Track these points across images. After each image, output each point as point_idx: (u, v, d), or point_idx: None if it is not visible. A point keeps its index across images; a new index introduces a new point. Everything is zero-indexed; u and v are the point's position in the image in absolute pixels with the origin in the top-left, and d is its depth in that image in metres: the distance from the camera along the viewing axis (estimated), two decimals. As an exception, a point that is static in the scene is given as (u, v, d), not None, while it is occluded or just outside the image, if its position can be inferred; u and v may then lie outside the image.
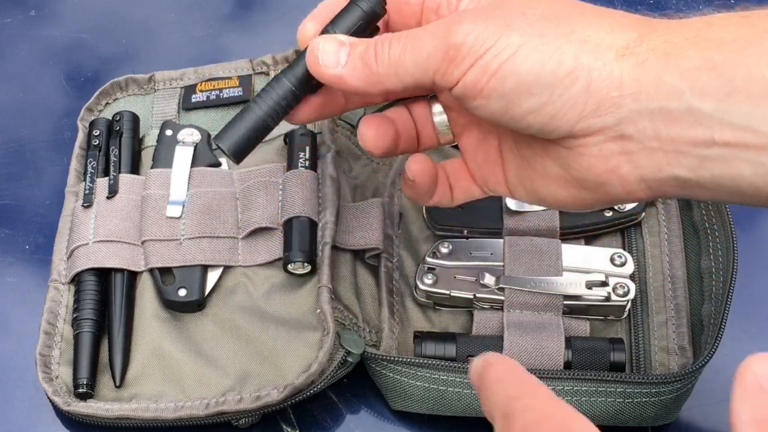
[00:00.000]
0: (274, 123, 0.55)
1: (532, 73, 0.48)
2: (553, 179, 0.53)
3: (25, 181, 0.76)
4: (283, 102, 0.55)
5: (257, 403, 0.62)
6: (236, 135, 0.54)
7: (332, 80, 0.53)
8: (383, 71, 0.52)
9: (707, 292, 0.66)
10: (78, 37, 0.84)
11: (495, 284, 0.66)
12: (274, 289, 0.67)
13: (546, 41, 0.48)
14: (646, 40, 0.47)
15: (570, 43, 0.48)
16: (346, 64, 0.53)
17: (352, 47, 0.53)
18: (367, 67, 0.52)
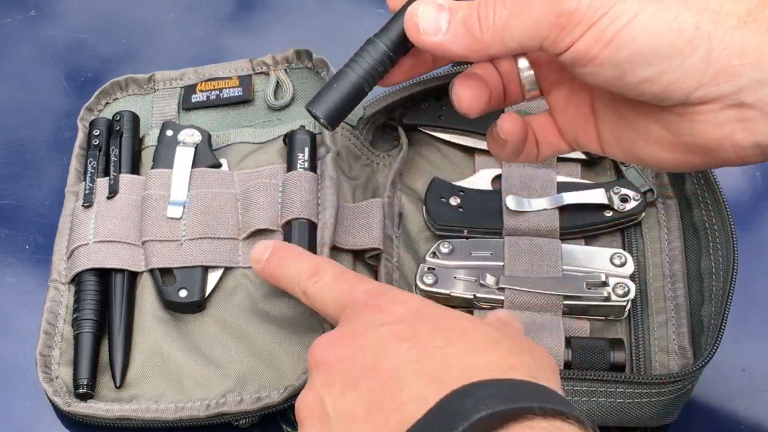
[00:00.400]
0: (369, 87, 0.54)
1: (651, 42, 0.46)
2: (656, 142, 0.51)
3: (25, 181, 0.76)
4: (379, 67, 0.53)
5: (258, 404, 0.62)
6: (331, 101, 0.53)
7: (433, 47, 0.51)
8: (488, 38, 0.49)
9: (707, 292, 0.66)
10: (78, 37, 0.84)
11: (495, 284, 0.66)
12: (275, 291, 0.67)
13: (664, 7, 0.46)
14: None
15: (689, 10, 0.46)
16: (448, 30, 0.50)
17: (452, 12, 0.51)
18: (471, 33, 0.50)
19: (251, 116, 0.76)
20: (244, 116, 0.75)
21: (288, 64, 0.77)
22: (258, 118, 0.75)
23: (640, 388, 0.60)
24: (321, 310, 0.56)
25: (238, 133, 0.74)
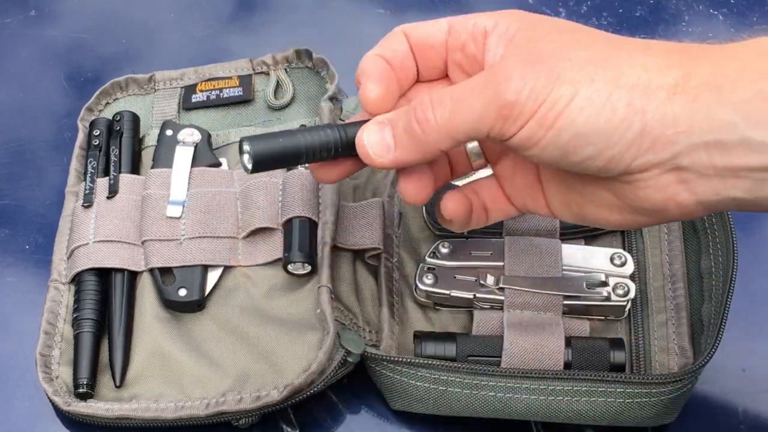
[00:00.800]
0: (305, 161, 0.54)
1: (588, 123, 0.48)
2: (605, 206, 0.53)
3: (25, 181, 0.76)
4: (324, 152, 0.54)
5: (257, 403, 0.62)
6: (267, 147, 0.53)
7: (390, 165, 0.53)
8: (434, 138, 0.51)
9: (707, 292, 0.66)
10: (78, 37, 0.84)
11: (495, 284, 0.66)
12: (274, 290, 0.67)
13: (597, 88, 0.48)
14: (694, 74, 0.47)
15: (621, 89, 0.48)
16: (396, 146, 0.52)
17: (393, 126, 0.53)
18: (416, 140, 0.52)
19: (251, 116, 0.76)
20: (244, 116, 0.76)
21: (288, 64, 0.77)
22: (258, 117, 0.75)
23: (640, 388, 0.60)
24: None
25: (238, 132, 0.74)
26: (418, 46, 0.56)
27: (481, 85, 0.50)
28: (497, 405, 0.62)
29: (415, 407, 0.64)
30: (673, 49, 0.49)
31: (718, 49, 0.48)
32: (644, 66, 0.48)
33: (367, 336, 0.66)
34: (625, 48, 0.49)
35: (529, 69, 0.49)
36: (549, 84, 0.48)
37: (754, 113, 0.46)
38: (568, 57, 0.49)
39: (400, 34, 0.57)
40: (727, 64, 0.47)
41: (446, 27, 0.56)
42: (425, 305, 0.68)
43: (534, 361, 0.63)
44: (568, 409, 0.62)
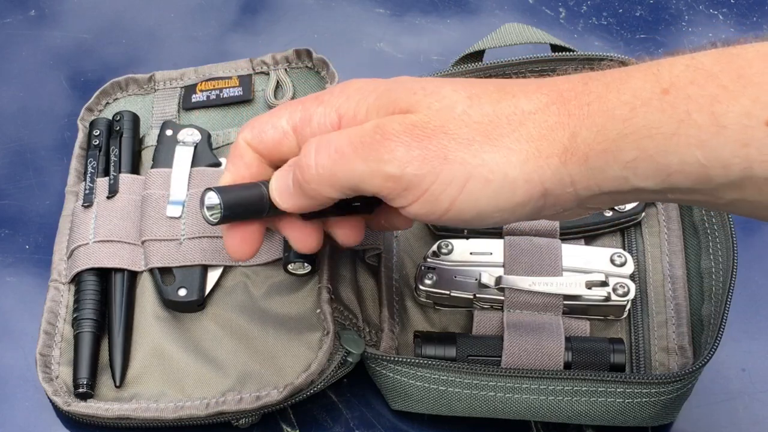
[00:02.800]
0: (267, 214, 0.55)
1: (490, 204, 0.49)
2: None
3: (25, 181, 0.76)
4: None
5: (257, 403, 0.62)
6: (235, 195, 0.54)
7: (291, 210, 0.54)
8: (315, 187, 0.51)
9: (707, 292, 0.66)
10: (78, 37, 0.84)
11: (495, 284, 0.66)
12: (274, 289, 0.67)
13: (490, 168, 0.48)
14: (578, 135, 0.48)
15: (514, 167, 0.48)
16: (293, 193, 0.53)
17: (289, 173, 0.53)
18: (301, 187, 0.52)
19: (251, 116, 0.75)
20: (244, 116, 0.76)
21: (288, 64, 0.77)
22: (258, 117, 0.75)
23: (640, 388, 0.60)
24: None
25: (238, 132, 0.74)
26: (269, 158, 0.56)
27: (366, 147, 0.49)
28: (497, 405, 0.62)
29: (415, 407, 0.64)
30: (549, 110, 0.49)
31: (596, 102, 0.48)
32: (528, 136, 0.48)
33: (367, 336, 0.66)
34: (505, 119, 0.49)
35: (415, 143, 0.48)
36: (437, 165, 0.48)
37: (641, 170, 0.47)
38: (451, 134, 0.49)
39: (245, 149, 0.56)
40: (608, 124, 0.47)
41: (291, 133, 0.55)
42: (425, 305, 0.68)
43: (534, 361, 0.63)
44: (568, 409, 0.62)
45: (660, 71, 0.47)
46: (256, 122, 0.56)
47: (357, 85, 0.53)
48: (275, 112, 0.56)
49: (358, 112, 0.52)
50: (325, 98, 0.54)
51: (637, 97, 0.47)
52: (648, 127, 0.46)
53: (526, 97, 0.49)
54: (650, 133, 0.46)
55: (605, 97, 0.48)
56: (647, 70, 0.48)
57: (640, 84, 0.47)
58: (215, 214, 0.54)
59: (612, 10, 0.86)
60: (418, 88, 0.50)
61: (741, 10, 0.85)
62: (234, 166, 0.56)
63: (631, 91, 0.47)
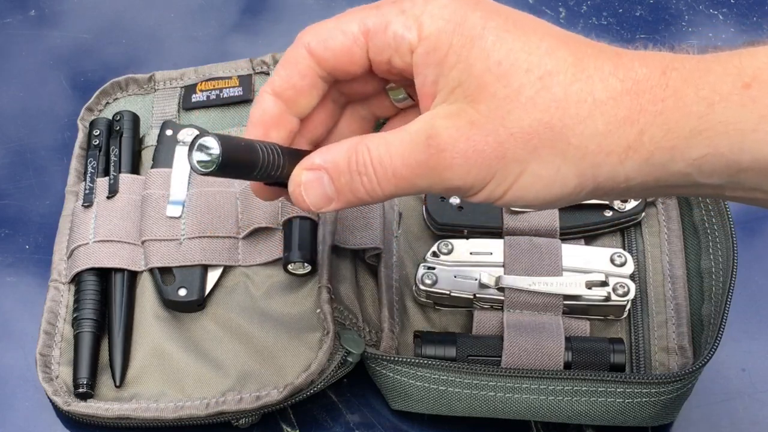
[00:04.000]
0: (257, 176, 0.50)
1: (538, 197, 0.48)
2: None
3: (25, 180, 0.76)
4: (274, 169, 0.51)
5: (257, 403, 0.62)
6: (233, 145, 0.49)
7: (327, 212, 0.53)
8: (378, 200, 0.50)
9: (707, 292, 0.66)
10: (78, 37, 0.84)
11: (495, 284, 0.66)
12: (274, 289, 0.67)
13: (545, 164, 0.47)
14: (647, 132, 0.46)
15: (569, 162, 0.47)
16: (338, 199, 0.51)
17: (334, 178, 0.50)
18: (361, 200, 0.50)
19: (251, 116, 0.76)
20: (244, 116, 0.75)
21: (288, 64, 0.77)
22: (258, 117, 0.75)
23: (640, 388, 0.60)
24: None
25: (238, 132, 0.74)
26: (331, 68, 0.52)
27: (423, 167, 0.48)
28: (497, 405, 0.62)
29: (415, 407, 0.64)
30: (621, 101, 0.46)
31: (671, 99, 0.46)
32: (594, 130, 0.46)
33: (367, 336, 0.66)
34: (573, 112, 0.46)
35: (472, 151, 0.47)
36: (494, 164, 0.47)
37: (708, 167, 0.46)
38: (510, 132, 0.47)
39: (304, 56, 0.52)
40: (680, 120, 0.45)
41: (362, 39, 0.50)
42: (425, 305, 0.68)
43: (534, 361, 0.63)
44: (568, 409, 0.62)
45: (742, 63, 0.45)
46: (321, 27, 0.51)
47: (442, 2, 0.48)
48: (343, 17, 0.51)
49: (428, 74, 0.48)
50: (406, 6, 0.49)
51: (716, 92, 0.45)
52: (725, 123, 0.44)
53: (601, 81, 0.46)
54: (726, 129, 0.44)
55: (682, 92, 0.45)
56: (728, 61, 0.45)
57: (720, 78, 0.45)
58: (207, 165, 0.48)
59: (612, 10, 0.86)
60: (493, 64, 0.47)
61: (741, 10, 0.85)
62: (287, 72, 0.52)
63: (710, 85, 0.45)
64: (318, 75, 0.52)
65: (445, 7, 0.48)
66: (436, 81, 0.48)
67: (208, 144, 0.48)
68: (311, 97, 0.53)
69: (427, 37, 0.48)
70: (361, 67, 0.51)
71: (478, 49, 0.47)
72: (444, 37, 0.48)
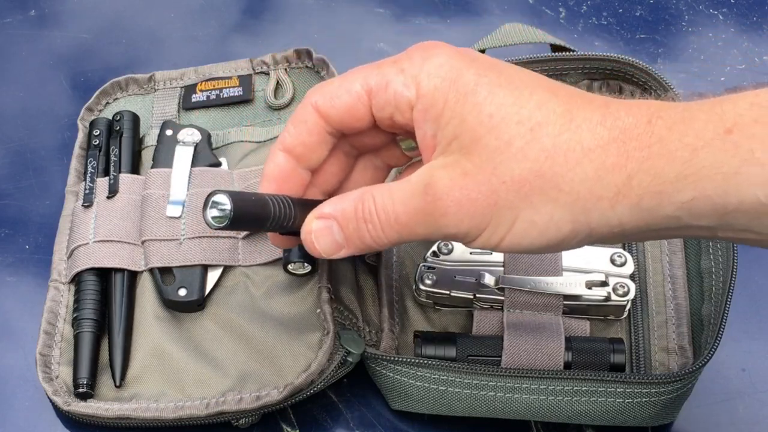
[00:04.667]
0: (269, 227, 0.54)
1: (534, 243, 0.50)
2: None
3: (25, 180, 0.76)
4: (286, 220, 0.54)
5: (257, 403, 0.62)
6: (244, 202, 0.52)
7: (341, 257, 0.55)
8: (378, 248, 0.53)
9: (707, 292, 0.66)
10: (78, 37, 0.84)
11: (495, 284, 0.66)
12: (274, 289, 0.67)
13: (537, 210, 0.49)
14: (634, 177, 0.47)
15: (561, 207, 0.49)
16: (348, 246, 0.54)
17: (343, 226, 0.53)
18: (368, 246, 0.53)
19: (251, 115, 0.76)
20: (244, 115, 0.76)
21: (288, 64, 0.77)
22: (258, 117, 0.75)
23: (640, 388, 0.60)
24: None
25: (238, 132, 0.74)
26: (338, 125, 0.55)
27: (422, 214, 0.51)
28: (497, 405, 0.62)
29: (415, 407, 0.64)
30: (608, 141, 0.48)
31: (656, 146, 0.47)
32: (583, 175, 0.48)
33: (367, 336, 0.66)
34: (560, 159, 0.48)
35: (465, 200, 0.49)
36: (488, 213, 0.49)
37: (697, 210, 0.47)
38: (502, 180, 0.49)
39: (312, 114, 0.55)
40: (666, 166, 0.47)
41: (365, 97, 0.54)
42: (425, 305, 0.68)
43: (534, 361, 0.63)
44: (568, 409, 0.62)
45: (724, 110, 0.46)
46: (327, 86, 0.55)
47: (438, 60, 0.51)
48: (347, 77, 0.54)
49: (427, 129, 0.51)
50: (405, 66, 0.52)
51: (699, 138, 0.46)
52: (709, 167, 0.46)
53: (589, 130, 0.48)
54: (710, 173, 0.46)
55: (667, 138, 0.47)
56: (711, 109, 0.47)
57: (703, 125, 0.46)
58: (221, 220, 0.52)
59: (612, 10, 0.86)
60: (485, 117, 0.49)
61: (741, 10, 0.85)
62: (296, 130, 0.56)
63: (694, 132, 0.46)
64: (326, 131, 0.56)
65: (441, 66, 0.51)
66: (435, 135, 0.51)
67: (220, 201, 0.51)
68: (320, 152, 0.56)
69: (425, 94, 0.51)
70: (366, 123, 0.55)
71: (471, 104, 0.50)
72: (439, 94, 0.51)
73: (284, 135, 0.56)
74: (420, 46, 0.53)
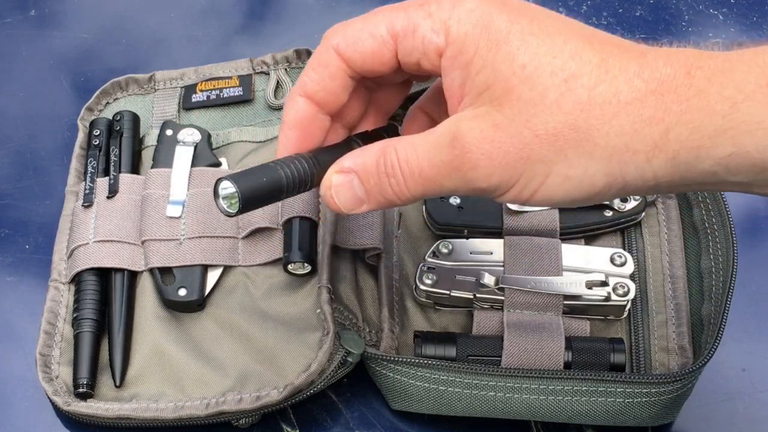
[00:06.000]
0: (287, 194, 0.53)
1: (567, 198, 0.49)
2: None
3: (25, 180, 0.76)
4: (303, 180, 0.53)
5: (257, 403, 0.62)
6: (251, 182, 0.51)
7: (359, 213, 0.53)
8: (407, 201, 0.51)
9: (707, 292, 0.66)
10: (78, 37, 0.84)
11: (495, 284, 0.66)
12: (274, 289, 0.67)
13: (571, 164, 0.47)
14: (672, 131, 0.46)
15: (596, 161, 0.47)
16: (369, 201, 0.52)
17: (364, 180, 0.52)
18: (390, 201, 0.52)
19: (251, 115, 0.76)
20: (244, 115, 0.76)
21: (288, 64, 0.77)
22: (258, 117, 0.75)
23: (640, 388, 0.60)
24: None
25: (238, 132, 0.74)
26: (361, 69, 0.53)
27: (448, 167, 0.49)
28: (497, 405, 0.62)
29: (415, 407, 0.64)
30: (647, 101, 0.47)
31: (694, 94, 0.46)
32: (619, 129, 0.47)
33: (367, 336, 0.66)
34: (597, 111, 0.47)
35: (496, 152, 0.48)
36: (519, 166, 0.48)
37: (734, 165, 0.46)
38: (536, 132, 0.47)
39: (334, 58, 0.53)
40: (705, 119, 0.46)
41: (391, 42, 0.51)
42: (425, 305, 0.68)
43: (534, 361, 0.63)
44: (568, 409, 0.62)
45: (766, 61, 0.45)
46: (349, 28, 0.53)
47: (469, 5, 0.49)
48: (370, 18, 0.52)
49: (456, 77, 0.49)
50: (433, 9, 0.50)
51: (740, 91, 0.45)
52: (749, 122, 0.44)
53: (626, 82, 0.47)
54: (750, 128, 0.44)
55: (706, 91, 0.45)
56: (752, 60, 0.45)
57: (744, 76, 0.45)
58: (233, 205, 0.51)
59: (612, 10, 0.86)
60: (518, 67, 0.47)
61: (741, 10, 0.85)
62: (317, 74, 0.53)
63: (735, 84, 0.45)
64: (348, 75, 0.53)
65: (471, 12, 0.49)
66: (463, 84, 0.49)
67: (225, 187, 0.51)
68: (342, 96, 0.54)
69: (454, 41, 0.49)
70: (391, 67, 0.52)
71: (503, 53, 0.48)
72: (470, 41, 0.49)
73: (304, 79, 0.54)
74: None
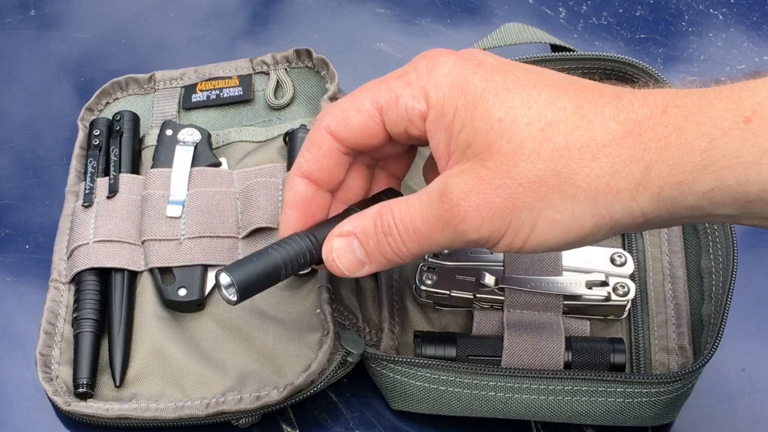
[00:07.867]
0: (285, 275, 0.55)
1: (558, 241, 0.50)
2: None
3: (25, 180, 0.76)
4: (301, 258, 0.55)
5: (257, 403, 0.62)
6: (248, 271, 0.53)
7: (363, 275, 0.55)
8: (407, 259, 0.53)
9: (707, 292, 0.66)
10: (78, 37, 0.84)
11: (495, 284, 0.66)
12: (274, 289, 0.67)
13: (557, 208, 0.49)
14: (653, 168, 0.47)
15: (581, 204, 0.48)
16: (371, 262, 0.54)
17: (363, 242, 0.53)
18: (390, 261, 0.53)
19: (251, 115, 0.76)
20: (244, 115, 0.76)
21: (288, 64, 0.77)
22: (258, 117, 0.75)
23: (640, 388, 0.60)
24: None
25: (238, 131, 0.74)
26: (353, 145, 0.55)
27: (440, 221, 0.51)
28: (497, 405, 0.62)
29: (415, 407, 0.64)
30: (625, 142, 0.48)
31: (674, 135, 0.47)
32: (600, 171, 0.48)
33: (367, 336, 0.66)
34: (575, 155, 0.48)
35: (484, 205, 0.49)
36: (507, 215, 0.49)
37: (719, 199, 0.46)
38: (518, 181, 0.49)
39: (326, 138, 0.55)
40: (685, 156, 0.46)
41: (377, 115, 0.54)
42: (425, 305, 0.68)
43: (534, 361, 0.63)
44: (568, 409, 0.62)
45: (742, 98, 0.46)
46: (337, 108, 0.55)
47: (444, 69, 0.51)
48: (355, 96, 0.54)
49: (441, 138, 0.51)
50: (412, 78, 0.52)
51: (717, 128, 0.46)
52: (728, 157, 0.45)
53: (602, 125, 0.48)
54: (730, 163, 0.45)
55: (684, 128, 0.46)
56: (728, 97, 0.46)
57: (721, 113, 0.46)
58: (232, 296, 0.54)
59: (612, 10, 0.86)
60: (495, 122, 0.49)
61: (741, 10, 0.85)
62: (313, 156, 0.55)
63: (711, 121, 0.46)
64: (342, 152, 0.56)
65: (447, 75, 0.51)
66: (448, 144, 0.51)
67: (224, 278, 0.54)
68: (339, 173, 0.57)
69: (434, 105, 0.51)
70: (381, 139, 0.55)
71: (480, 111, 0.50)
72: (449, 103, 0.51)
73: (300, 161, 0.56)
74: (424, 56, 0.53)
